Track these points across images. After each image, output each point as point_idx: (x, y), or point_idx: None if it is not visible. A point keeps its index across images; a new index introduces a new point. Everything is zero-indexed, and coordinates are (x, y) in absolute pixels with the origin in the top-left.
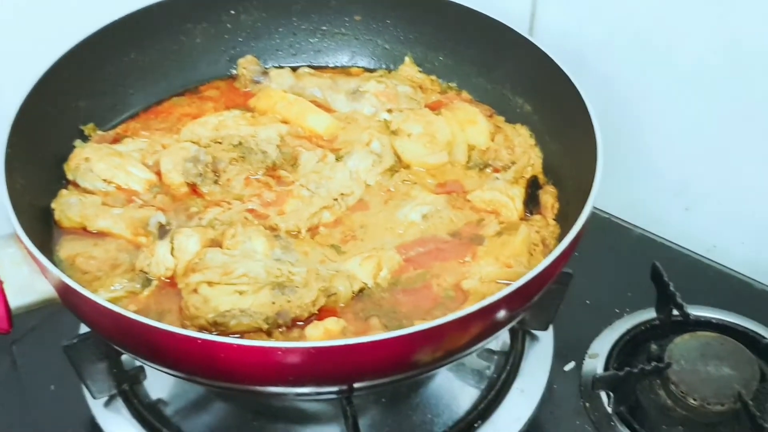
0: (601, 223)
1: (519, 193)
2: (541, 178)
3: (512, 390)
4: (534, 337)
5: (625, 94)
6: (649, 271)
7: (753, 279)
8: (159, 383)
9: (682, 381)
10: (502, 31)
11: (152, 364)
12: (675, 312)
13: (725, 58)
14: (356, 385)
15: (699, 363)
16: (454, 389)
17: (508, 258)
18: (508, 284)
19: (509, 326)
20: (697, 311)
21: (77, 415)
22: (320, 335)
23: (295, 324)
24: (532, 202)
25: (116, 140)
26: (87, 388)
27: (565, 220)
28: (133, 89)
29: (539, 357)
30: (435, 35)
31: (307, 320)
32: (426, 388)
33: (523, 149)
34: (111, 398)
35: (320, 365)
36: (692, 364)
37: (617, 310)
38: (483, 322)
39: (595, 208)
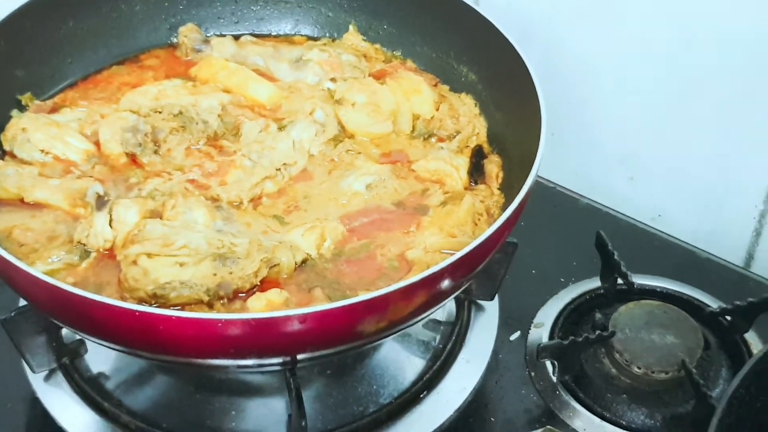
0: (546, 192)
1: (464, 162)
2: (486, 147)
3: (458, 360)
4: (480, 307)
5: (570, 63)
6: (594, 240)
7: (697, 247)
8: (100, 357)
9: (626, 349)
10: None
11: (91, 338)
12: (620, 281)
13: (670, 28)
14: (299, 356)
15: (643, 331)
16: (400, 360)
17: (453, 228)
18: (452, 254)
19: (453, 296)
20: (641, 280)
21: (17, 390)
22: (262, 307)
23: (236, 296)
24: (476, 172)
25: (54, 110)
26: (26, 362)
27: (509, 189)
28: (72, 58)
29: (485, 327)
30: (379, 3)
31: (250, 292)
32: (372, 359)
33: (467, 118)
34: (51, 372)
35: (261, 337)
36: (636, 333)
37: (562, 280)
38: (427, 291)
39: (540, 177)
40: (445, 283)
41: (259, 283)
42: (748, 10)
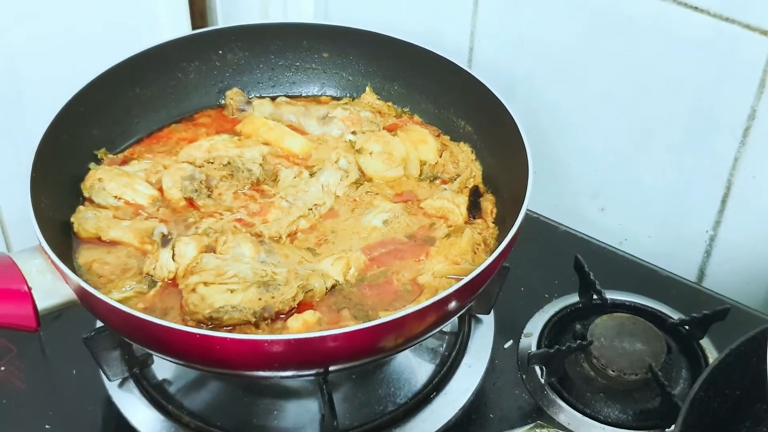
0: (531, 222)
1: (463, 200)
2: (482, 187)
3: (461, 365)
4: (478, 320)
5: (549, 114)
6: (572, 262)
7: (658, 267)
8: (164, 366)
9: (602, 355)
10: (446, 64)
11: (158, 354)
12: (595, 296)
13: (629, 83)
14: (331, 368)
15: (616, 340)
16: (412, 366)
17: (456, 256)
18: (456, 278)
19: (459, 314)
20: (613, 295)
21: (96, 395)
22: (299, 326)
23: (278, 317)
24: (474, 208)
25: (124, 162)
26: (103, 372)
27: (502, 222)
28: (138, 118)
29: (483, 336)
30: (390, 68)
31: (289, 313)
32: (389, 366)
33: (466, 163)
34: (124, 380)
35: (300, 353)
36: (610, 341)
37: (547, 296)
38: (437, 312)
39: (526, 209)
40: (452, 305)
41: (296, 306)
42: (693, 67)
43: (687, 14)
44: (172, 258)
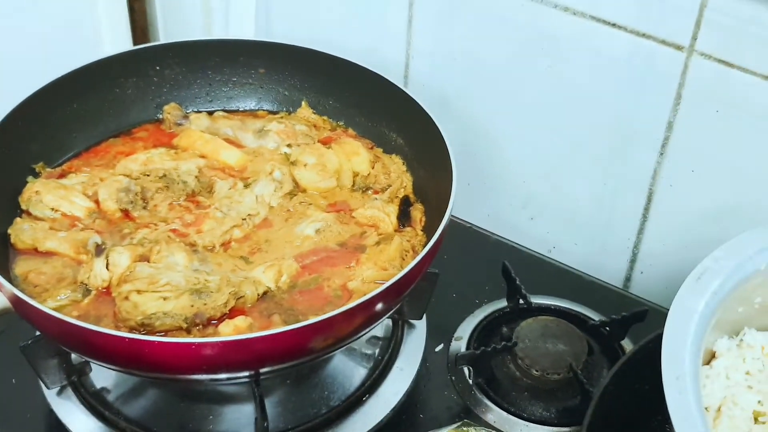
0: (464, 231)
1: (394, 210)
2: (412, 197)
3: (393, 368)
4: (411, 325)
5: (482, 128)
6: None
7: (583, 272)
8: (102, 374)
9: (526, 356)
10: (379, 80)
11: (92, 360)
12: (521, 301)
13: (555, 98)
14: (262, 370)
15: (540, 341)
16: (346, 370)
17: (385, 263)
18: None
19: (386, 317)
20: (539, 300)
21: (35, 403)
22: (230, 331)
23: (210, 323)
24: (404, 217)
25: (62, 176)
26: (42, 380)
27: (430, 231)
28: (76, 133)
29: (415, 341)
30: (326, 84)
31: (220, 319)
32: (323, 370)
33: (397, 174)
34: (63, 388)
35: (228, 356)
36: (534, 342)
37: (477, 301)
38: (363, 314)
39: (459, 219)
40: (378, 307)
41: (228, 312)
42: (615, 82)
43: (607, 31)
44: (106, 267)
